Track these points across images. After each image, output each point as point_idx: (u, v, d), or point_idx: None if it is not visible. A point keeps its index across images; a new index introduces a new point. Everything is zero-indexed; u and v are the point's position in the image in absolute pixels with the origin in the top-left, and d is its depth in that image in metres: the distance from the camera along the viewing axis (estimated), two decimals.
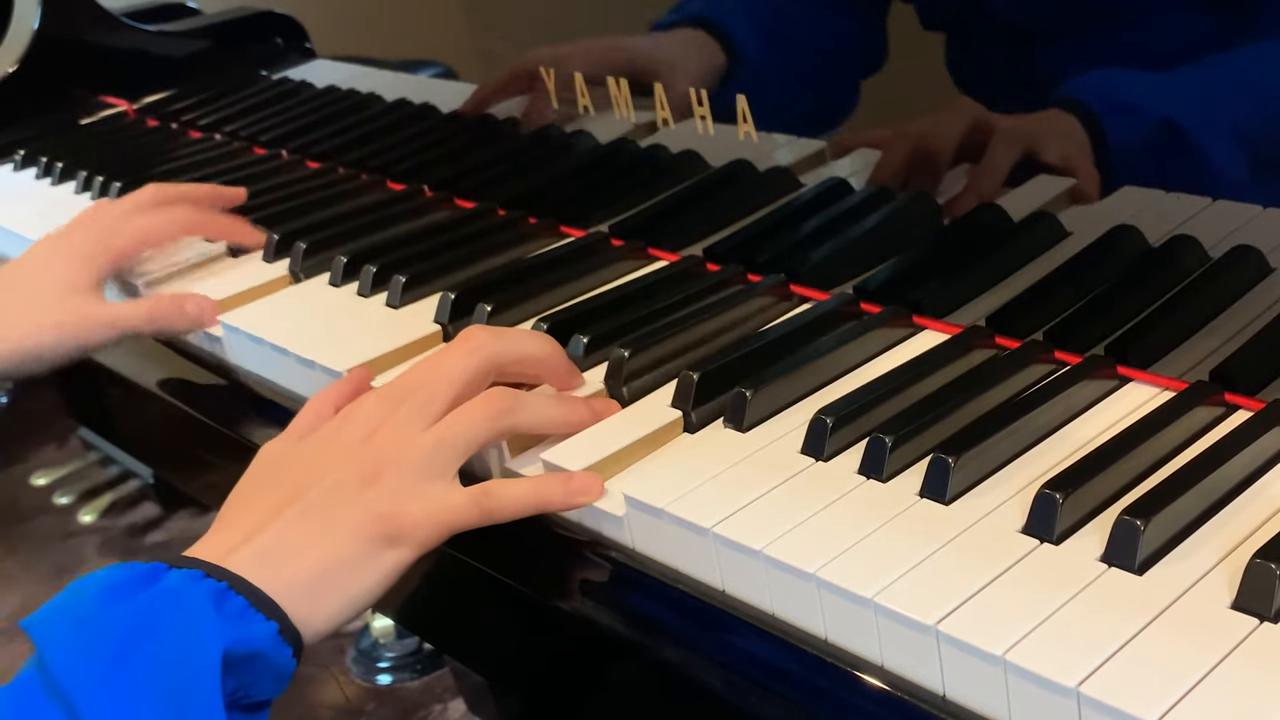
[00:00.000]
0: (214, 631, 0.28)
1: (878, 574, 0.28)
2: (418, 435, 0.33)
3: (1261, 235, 0.34)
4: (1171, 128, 0.33)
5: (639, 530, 0.32)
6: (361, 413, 0.34)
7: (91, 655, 0.27)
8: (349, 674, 0.84)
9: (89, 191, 0.64)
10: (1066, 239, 0.39)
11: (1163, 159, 0.34)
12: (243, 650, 0.29)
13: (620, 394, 0.37)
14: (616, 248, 0.47)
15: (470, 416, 0.33)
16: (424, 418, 0.33)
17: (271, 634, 0.30)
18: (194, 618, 0.28)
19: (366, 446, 0.33)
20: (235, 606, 0.29)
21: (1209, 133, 0.32)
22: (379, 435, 0.33)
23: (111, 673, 0.27)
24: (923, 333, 0.39)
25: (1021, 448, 0.32)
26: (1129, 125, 0.34)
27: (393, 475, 0.32)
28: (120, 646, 0.27)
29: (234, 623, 0.29)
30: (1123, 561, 0.27)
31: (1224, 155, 0.33)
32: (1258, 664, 0.24)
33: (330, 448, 0.34)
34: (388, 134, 0.61)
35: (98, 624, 0.28)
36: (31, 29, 0.70)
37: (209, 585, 0.29)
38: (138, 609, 0.28)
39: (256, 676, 0.30)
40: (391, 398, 0.34)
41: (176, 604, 0.29)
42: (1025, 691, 0.25)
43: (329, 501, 0.32)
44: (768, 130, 0.44)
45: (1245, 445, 0.30)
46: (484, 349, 0.35)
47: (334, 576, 0.31)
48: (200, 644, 0.28)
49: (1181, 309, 0.35)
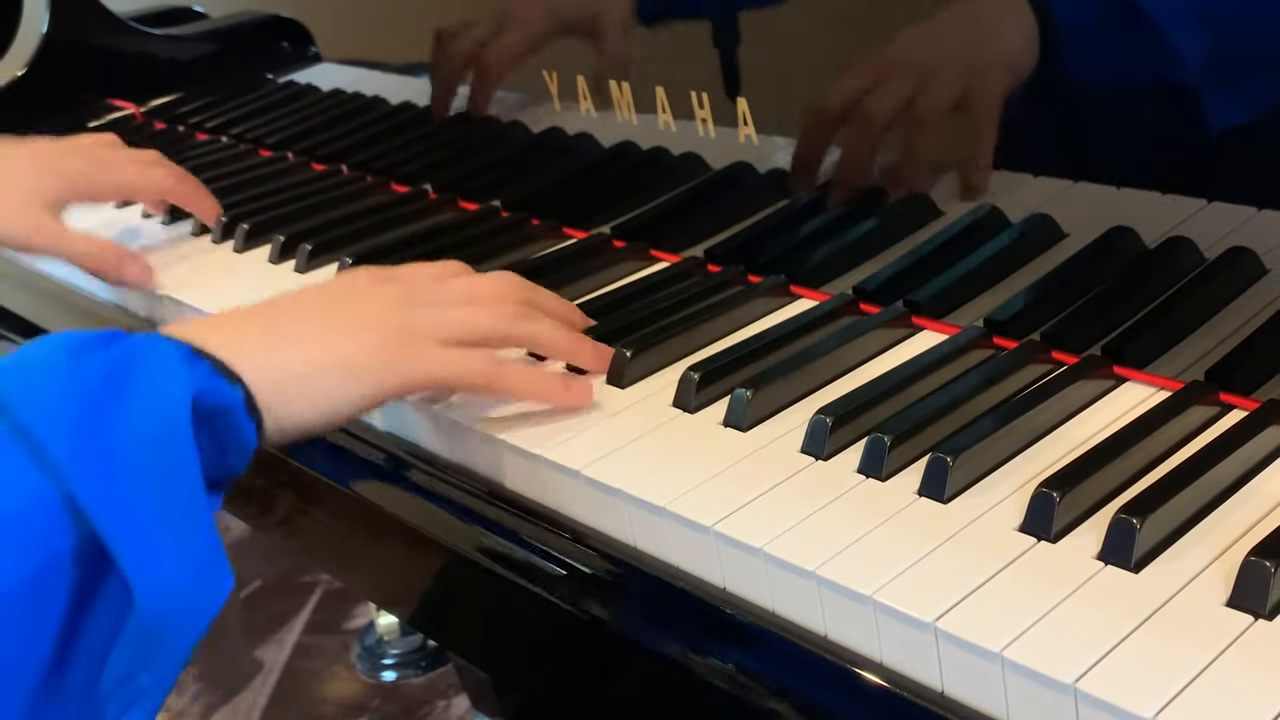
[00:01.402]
0: (185, 378, 0.28)
1: (877, 572, 0.28)
2: (429, 307, 0.34)
3: (1256, 237, 0.34)
4: (1126, 6, 0.31)
5: (640, 528, 0.33)
6: (365, 274, 0.35)
7: (65, 400, 0.26)
8: (354, 670, 0.84)
9: None
10: (1064, 240, 0.39)
11: (1116, 39, 0.32)
12: (212, 401, 0.28)
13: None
14: (619, 249, 0.48)
15: (485, 309, 0.34)
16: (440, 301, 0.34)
17: (237, 398, 0.29)
18: (165, 366, 0.28)
19: (371, 295, 0.34)
20: (202, 367, 0.29)
21: (1167, 8, 0.31)
22: (383, 291, 0.34)
23: (87, 419, 0.26)
24: (921, 333, 0.39)
25: (1019, 447, 0.32)
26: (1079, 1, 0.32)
27: (398, 320, 0.33)
28: (95, 391, 0.26)
29: (203, 378, 0.28)
30: (1119, 559, 0.28)
31: (1183, 35, 0.31)
32: (1252, 660, 0.25)
33: (331, 290, 0.34)
34: (392, 136, 0.61)
35: (68, 372, 0.27)
36: (40, 33, 0.71)
37: (177, 344, 0.29)
38: (108, 359, 0.27)
39: (220, 440, 0.29)
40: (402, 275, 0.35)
41: (147, 355, 0.28)
42: (1023, 688, 0.25)
43: (328, 317, 0.32)
44: (768, 133, 0.44)
45: (1240, 444, 0.30)
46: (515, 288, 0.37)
47: (310, 379, 0.31)
48: (173, 388, 0.27)
49: (1177, 309, 0.35)
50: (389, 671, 0.84)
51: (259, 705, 0.86)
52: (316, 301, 0.34)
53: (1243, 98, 0.31)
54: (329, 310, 0.33)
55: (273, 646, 0.91)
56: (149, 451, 0.26)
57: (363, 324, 0.32)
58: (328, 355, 0.31)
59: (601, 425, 0.36)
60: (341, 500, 0.41)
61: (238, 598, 0.95)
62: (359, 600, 0.93)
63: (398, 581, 0.43)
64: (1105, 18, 0.31)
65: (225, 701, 0.86)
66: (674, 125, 0.47)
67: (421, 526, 0.38)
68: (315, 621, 0.93)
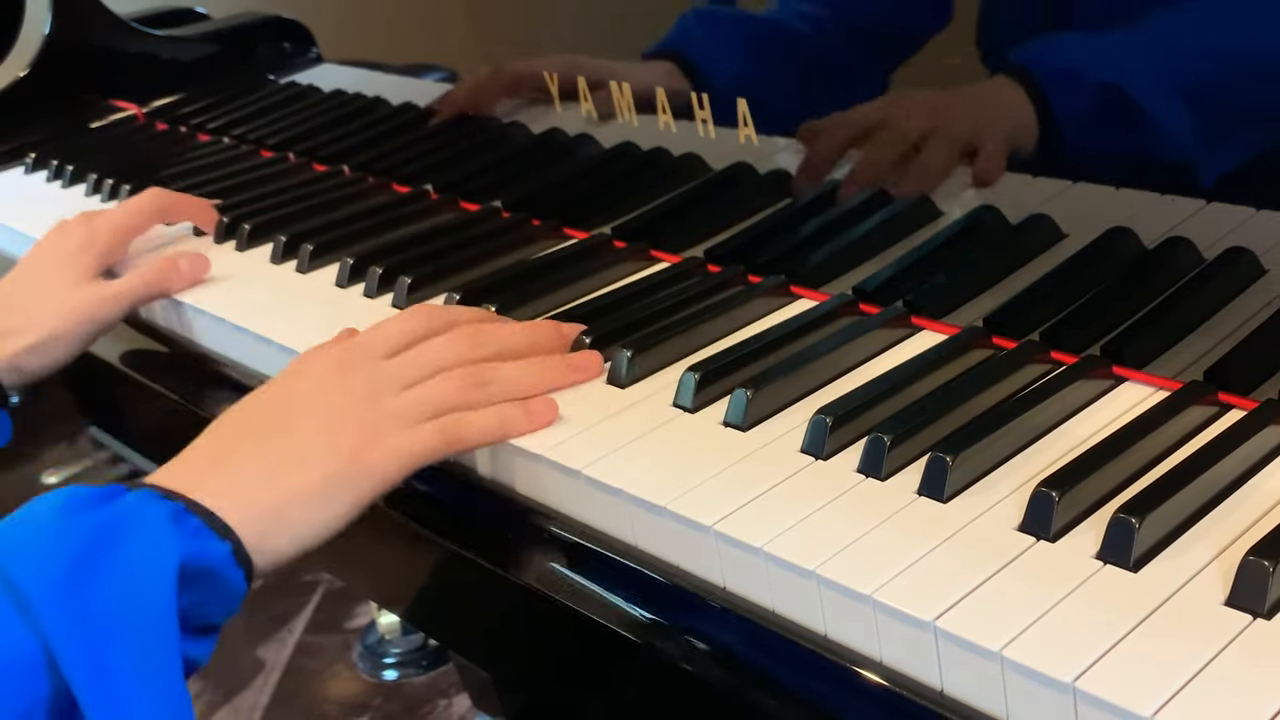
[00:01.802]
0: (172, 543, 0.28)
1: (877, 571, 0.28)
2: (393, 396, 0.34)
3: (1255, 237, 0.34)
4: (1115, 91, 0.33)
5: (641, 527, 0.33)
6: (337, 357, 0.35)
7: (51, 560, 0.27)
8: (355, 669, 0.85)
9: (99, 194, 0.65)
10: (1063, 240, 0.39)
11: (1108, 122, 0.33)
12: (198, 565, 0.29)
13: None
14: (619, 249, 0.48)
15: (447, 385, 0.34)
16: (401, 383, 0.34)
17: (225, 553, 0.30)
18: (153, 531, 0.29)
19: (339, 394, 0.34)
20: (191, 525, 0.30)
21: (1153, 92, 0.32)
22: (350, 384, 0.34)
23: (71, 577, 0.27)
24: (921, 333, 0.39)
25: (1018, 446, 0.32)
26: (1071, 89, 0.34)
27: (364, 419, 0.33)
28: (80, 553, 0.28)
29: (190, 538, 0.29)
30: (1118, 559, 0.28)
31: (1171, 114, 0.32)
32: (1251, 659, 0.25)
33: (307, 387, 0.34)
34: (393, 137, 0.61)
35: (58, 533, 0.28)
36: (43, 34, 0.71)
37: (166, 504, 0.30)
38: (97, 521, 0.28)
39: (209, 596, 0.30)
40: (363, 356, 0.35)
41: (135, 518, 0.29)
42: (1022, 687, 0.25)
43: (296, 437, 0.33)
44: (768, 134, 0.44)
45: (1239, 444, 0.30)
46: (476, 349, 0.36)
47: (291, 508, 0.32)
48: (158, 554, 0.28)
49: (1176, 310, 0.36)
50: (390, 670, 0.84)
51: (261, 704, 0.86)
52: (295, 409, 0.34)
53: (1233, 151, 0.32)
54: (307, 423, 0.33)
55: (274, 645, 0.91)
56: (127, 618, 0.27)
57: (332, 433, 0.33)
58: (306, 481, 0.32)
59: (602, 425, 0.36)
60: None
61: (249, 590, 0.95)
62: (360, 599, 0.93)
63: (399, 581, 0.43)
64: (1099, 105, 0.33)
65: (227, 700, 0.87)
66: (674, 126, 0.47)
67: (420, 526, 0.38)
68: (317, 620, 0.93)
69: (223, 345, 0.49)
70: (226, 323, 0.48)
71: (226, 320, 0.48)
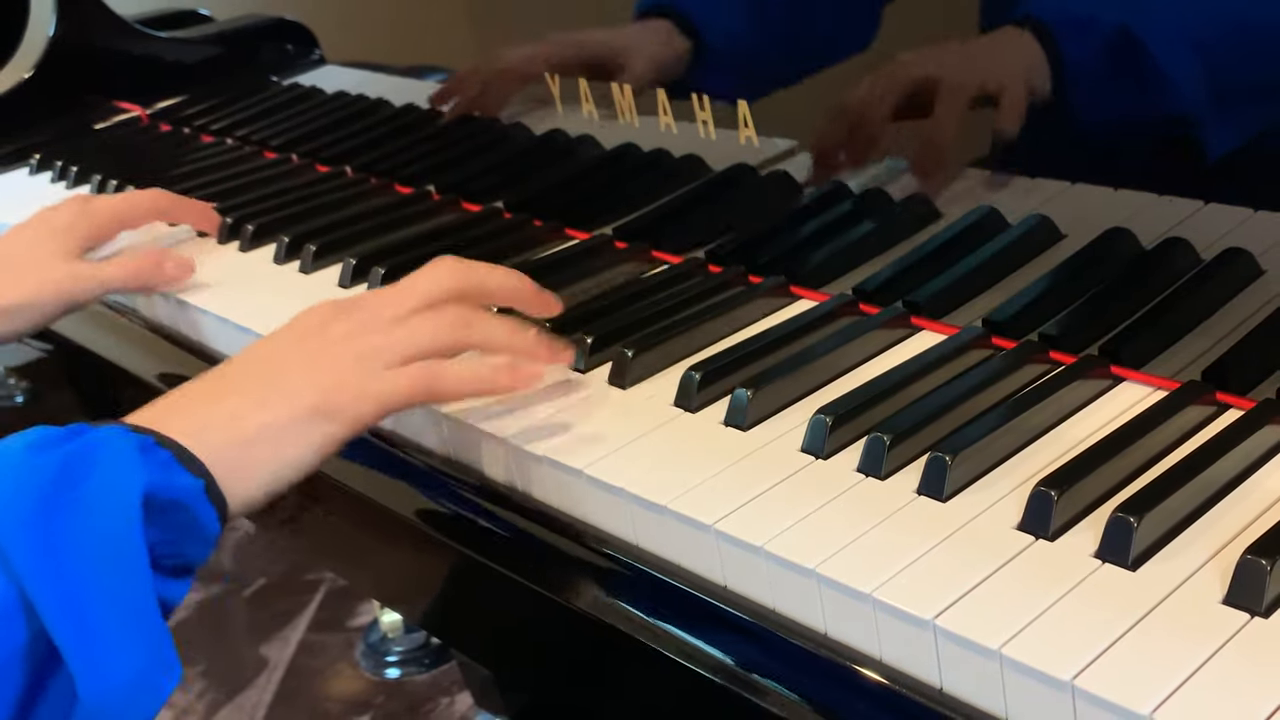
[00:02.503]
0: (137, 473, 0.28)
1: (876, 570, 0.28)
2: (368, 331, 0.34)
3: (1252, 238, 0.35)
4: (1127, 39, 0.32)
5: (642, 526, 0.33)
6: (319, 311, 0.35)
7: (17, 496, 0.27)
8: (358, 667, 0.85)
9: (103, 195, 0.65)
10: (1062, 241, 0.39)
11: (1119, 74, 0.33)
12: (165, 496, 0.28)
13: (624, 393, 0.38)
14: (620, 250, 0.48)
15: (425, 322, 0.34)
16: (382, 321, 0.34)
17: (197, 489, 0.29)
18: (119, 462, 0.28)
19: (316, 339, 0.34)
20: (160, 458, 0.29)
21: (1167, 45, 0.32)
22: (333, 327, 0.34)
23: (37, 513, 0.27)
24: (920, 333, 0.40)
25: (1017, 446, 0.33)
26: (1083, 38, 0.33)
27: (334, 359, 0.33)
28: (46, 488, 0.27)
29: (158, 470, 0.29)
30: (1117, 557, 0.28)
31: (1182, 70, 0.32)
32: (1249, 658, 0.25)
33: (280, 341, 0.34)
34: (395, 138, 0.61)
35: (23, 469, 0.28)
36: (47, 35, 0.71)
37: (134, 437, 0.29)
38: (64, 455, 0.28)
39: (180, 532, 0.29)
40: (349, 304, 0.35)
41: (102, 450, 0.28)
42: (1021, 685, 0.25)
43: (268, 378, 0.32)
44: (769, 135, 0.44)
45: (1236, 443, 0.30)
46: (453, 276, 0.36)
47: (263, 445, 0.31)
48: (124, 484, 0.28)
49: (1174, 310, 0.36)
50: (393, 669, 0.85)
51: (264, 702, 0.86)
52: (270, 356, 0.34)
53: (1240, 124, 0.32)
54: (279, 367, 0.33)
55: (277, 644, 0.91)
56: (98, 548, 0.27)
57: (303, 373, 0.33)
58: (273, 416, 0.32)
59: (603, 424, 0.36)
60: (345, 498, 0.41)
61: (243, 595, 0.96)
62: (363, 598, 0.94)
63: (401, 579, 0.43)
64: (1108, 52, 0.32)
65: (230, 699, 0.87)
66: (675, 127, 0.47)
67: (424, 525, 0.38)
68: (319, 619, 0.94)
69: (226, 345, 0.49)
70: (230, 323, 0.48)
71: (230, 320, 0.48)
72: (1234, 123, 0.32)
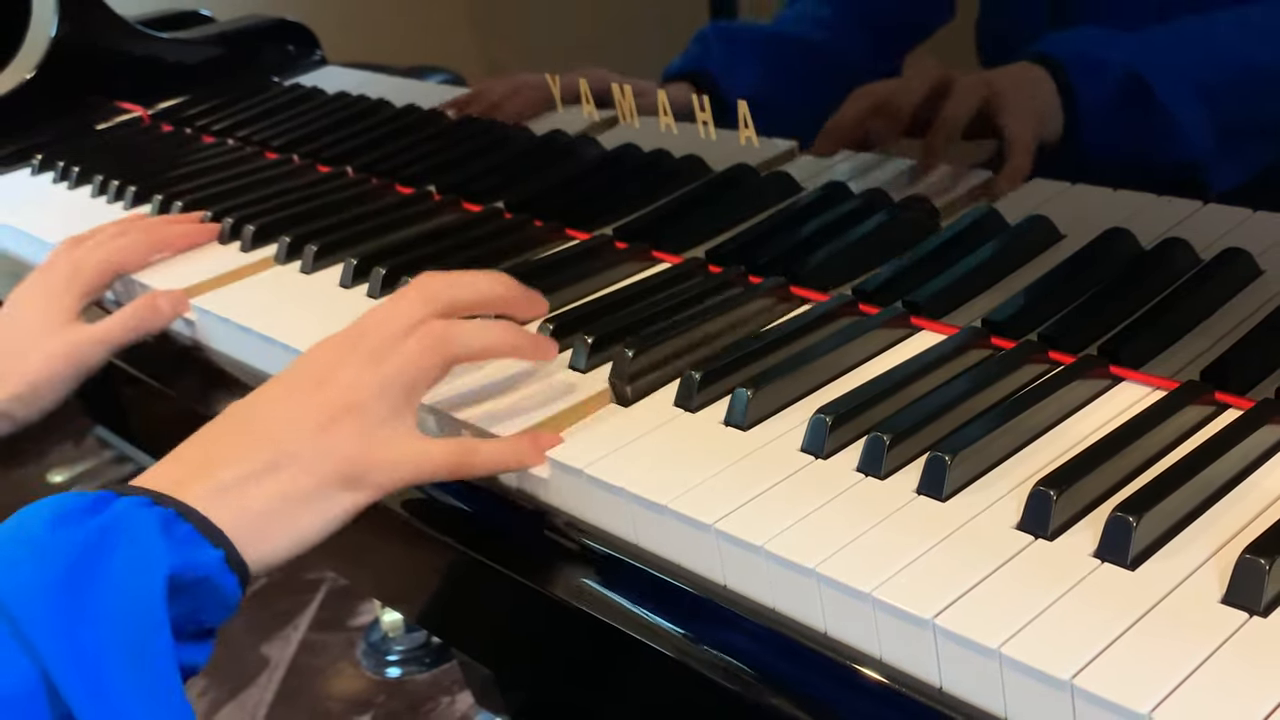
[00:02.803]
0: (161, 555, 0.28)
1: (876, 569, 0.28)
2: (370, 377, 0.34)
3: (1251, 238, 0.35)
4: (1137, 83, 0.33)
5: (642, 526, 0.33)
6: (316, 358, 0.35)
7: (40, 578, 0.27)
8: (359, 667, 0.85)
9: (105, 195, 0.65)
10: (1061, 241, 0.39)
11: (1128, 115, 0.34)
12: (189, 575, 0.29)
13: (624, 392, 0.38)
14: (621, 250, 0.48)
15: (409, 350, 0.34)
16: (376, 362, 0.34)
17: (217, 561, 0.30)
18: (142, 542, 0.28)
19: (321, 391, 0.34)
20: (182, 532, 0.29)
21: (1174, 89, 0.32)
22: (334, 379, 0.34)
23: (60, 596, 0.27)
24: (920, 333, 0.40)
25: (1016, 446, 0.33)
26: (1096, 78, 0.34)
27: (350, 419, 0.33)
28: (69, 570, 0.27)
29: (181, 547, 0.29)
30: (1116, 557, 0.28)
31: (1188, 113, 0.32)
32: (1248, 657, 0.25)
33: (287, 393, 0.34)
34: (397, 139, 0.61)
35: (47, 549, 0.28)
36: (49, 36, 0.71)
37: (157, 511, 0.29)
38: (86, 534, 0.28)
39: (203, 602, 0.30)
40: (345, 344, 0.35)
41: (125, 529, 0.28)
42: (1020, 684, 0.25)
43: (285, 442, 0.32)
44: (769, 136, 0.45)
45: (1235, 443, 0.30)
46: (438, 299, 0.36)
47: (285, 513, 0.31)
48: (148, 567, 0.28)
49: (1173, 310, 0.36)
50: (393, 668, 0.85)
51: (265, 701, 0.86)
52: (278, 414, 0.33)
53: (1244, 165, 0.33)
54: (294, 429, 0.33)
55: (279, 643, 0.92)
56: (121, 631, 0.27)
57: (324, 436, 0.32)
58: (297, 485, 0.32)
59: (603, 424, 0.36)
60: None
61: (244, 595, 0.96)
62: (364, 597, 0.94)
63: (402, 579, 0.43)
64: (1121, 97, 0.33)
65: (232, 697, 0.87)
66: (675, 128, 0.47)
67: (423, 524, 0.38)
68: (321, 618, 0.94)
69: (227, 344, 0.49)
70: (231, 323, 0.48)
71: (231, 320, 0.48)
72: (1239, 161, 0.33)
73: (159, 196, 0.61)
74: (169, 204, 0.60)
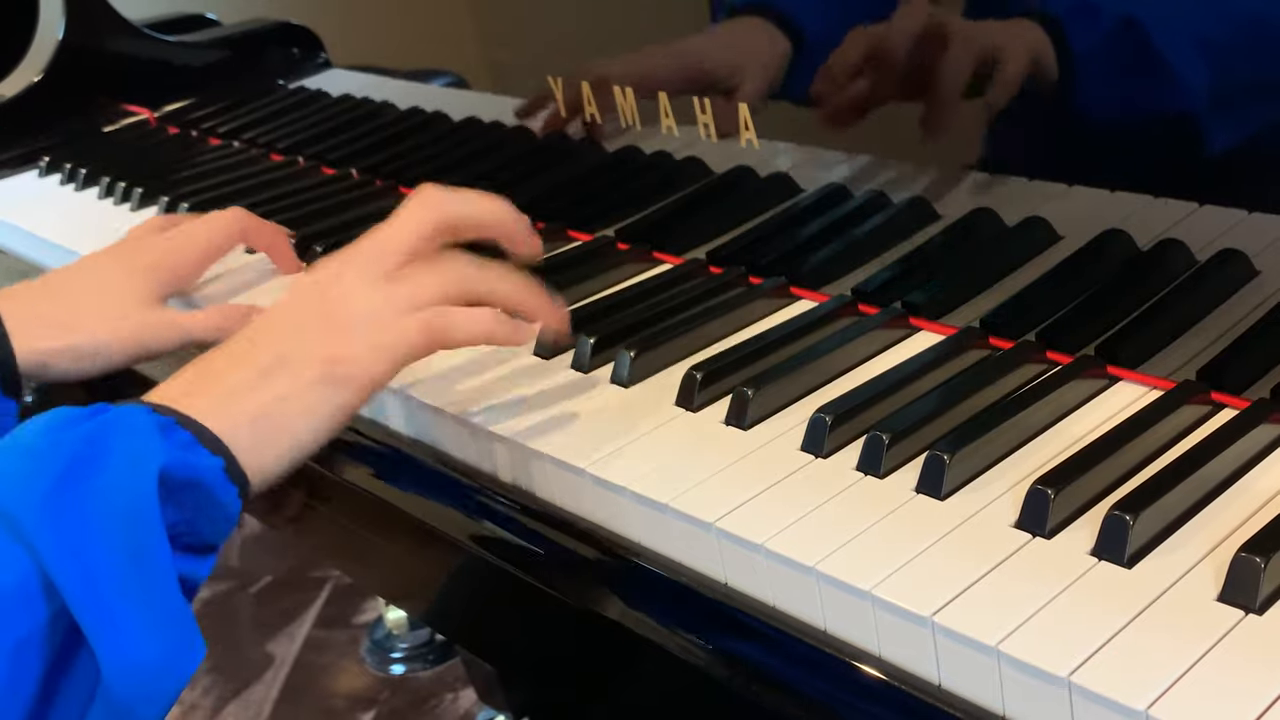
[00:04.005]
0: (153, 451, 0.28)
1: (875, 567, 0.29)
2: (368, 286, 0.33)
3: (1247, 239, 0.35)
4: (1134, 30, 0.32)
5: (643, 525, 0.33)
6: (315, 273, 0.35)
7: (37, 476, 0.27)
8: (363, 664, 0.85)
9: (111, 197, 0.65)
10: (1058, 242, 0.40)
11: (1125, 65, 0.33)
12: (182, 475, 0.28)
13: (626, 392, 0.38)
14: (622, 251, 0.48)
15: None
16: (376, 270, 0.34)
17: (217, 468, 0.29)
18: (138, 441, 0.28)
19: (317, 299, 0.33)
20: (181, 439, 0.29)
21: (1171, 38, 0.32)
22: (331, 288, 0.34)
23: (55, 492, 0.27)
24: (919, 333, 0.40)
25: (1014, 445, 0.33)
26: (1091, 27, 0.33)
27: (340, 320, 0.33)
28: (66, 467, 0.27)
29: (176, 449, 0.28)
30: (1113, 555, 0.28)
31: (1186, 64, 0.32)
32: (1243, 654, 0.25)
33: (285, 308, 0.34)
34: (400, 141, 0.62)
35: (43, 450, 0.27)
36: (56, 40, 0.72)
37: (155, 418, 0.29)
38: (83, 434, 0.28)
39: (200, 511, 0.29)
40: (345, 255, 0.35)
41: (121, 429, 0.28)
42: (1018, 681, 0.26)
43: (278, 348, 0.32)
44: (769, 138, 0.45)
45: (1231, 442, 0.31)
46: (439, 206, 0.35)
47: (280, 417, 0.31)
48: (142, 462, 0.27)
49: (1169, 311, 0.36)
50: (397, 665, 0.85)
51: (270, 698, 0.87)
52: (277, 325, 0.33)
53: (1240, 121, 0.32)
54: (286, 336, 0.33)
55: (284, 640, 0.92)
56: (115, 527, 0.27)
57: (313, 339, 0.32)
58: (289, 387, 0.31)
59: (605, 423, 0.36)
60: (351, 497, 0.41)
61: (249, 593, 0.96)
62: (368, 595, 0.94)
63: (406, 577, 0.44)
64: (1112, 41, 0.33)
65: (237, 694, 0.88)
66: (676, 130, 0.48)
67: (428, 523, 0.38)
68: (325, 616, 0.94)
69: None
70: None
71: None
72: (1233, 120, 0.32)
73: (165, 198, 0.61)
74: (175, 205, 0.61)
